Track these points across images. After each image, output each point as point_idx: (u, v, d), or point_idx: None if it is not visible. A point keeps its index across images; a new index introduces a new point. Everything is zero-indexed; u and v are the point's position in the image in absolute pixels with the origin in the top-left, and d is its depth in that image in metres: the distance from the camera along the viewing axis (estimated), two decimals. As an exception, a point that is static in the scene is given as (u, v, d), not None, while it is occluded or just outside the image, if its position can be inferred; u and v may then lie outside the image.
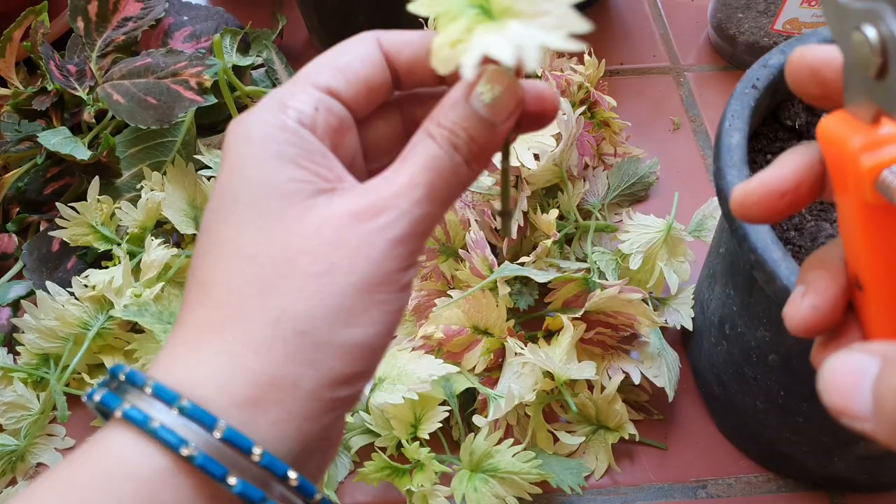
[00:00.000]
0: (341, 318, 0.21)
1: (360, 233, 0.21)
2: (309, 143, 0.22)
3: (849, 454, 0.43)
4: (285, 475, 0.20)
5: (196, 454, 0.19)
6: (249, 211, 0.22)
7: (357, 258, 0.21)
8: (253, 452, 0.20)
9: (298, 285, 0.21)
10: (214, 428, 0.20)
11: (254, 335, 0.21)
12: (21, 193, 0.57)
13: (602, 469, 0.49)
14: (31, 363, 0.51)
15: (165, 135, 0.58)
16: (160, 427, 0.19)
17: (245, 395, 0.20)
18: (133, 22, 0.59)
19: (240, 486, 0.19)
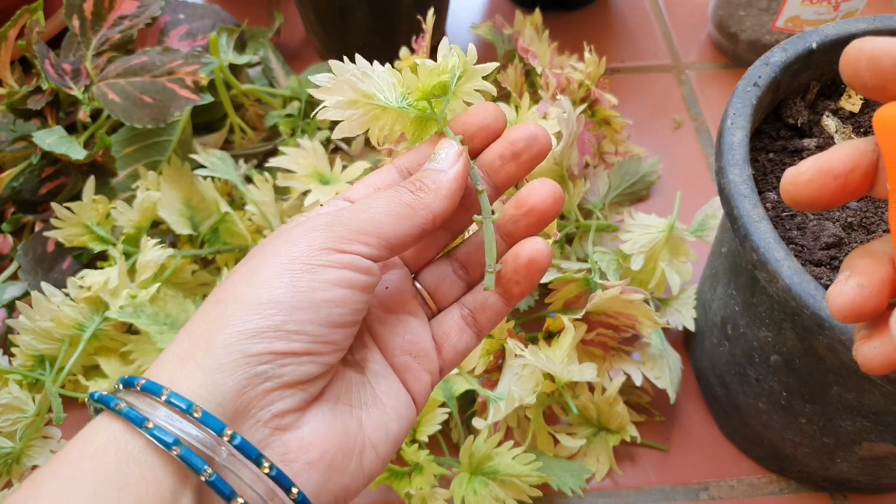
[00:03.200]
0: (254, 285, 0.24)
1: (292, 232, 0.26)
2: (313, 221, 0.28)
3: (851, 455, 0.42)
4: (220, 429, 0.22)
5: (182, 451, 0.22)
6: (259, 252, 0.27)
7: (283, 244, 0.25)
8: (192, 411, 0.22)
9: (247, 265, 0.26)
10: (160, 394, 0.22)
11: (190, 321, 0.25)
12: (16, 193, 0.57)
13: (603, 471, 0.49)
14: (27, 365, 0.51)
15: (161, 134, 0.58)
16: (153, 428, 0.22)
17: (172, 359, 0.24)
18: (129, 20, 0.59)
19: (213, 477, 0.22)
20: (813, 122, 0.43)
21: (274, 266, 0.25)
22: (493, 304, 0.31)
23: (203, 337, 0.24)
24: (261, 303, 0.24)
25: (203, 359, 0.23)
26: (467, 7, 0.78)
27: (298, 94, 0.62)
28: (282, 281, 0.24)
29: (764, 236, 0.34)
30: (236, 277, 0.26)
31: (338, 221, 0.26)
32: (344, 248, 0.25)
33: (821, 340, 0.33)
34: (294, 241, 0.25)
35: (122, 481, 0.21)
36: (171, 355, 0.24)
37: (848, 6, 0.62)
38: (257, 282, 0.24)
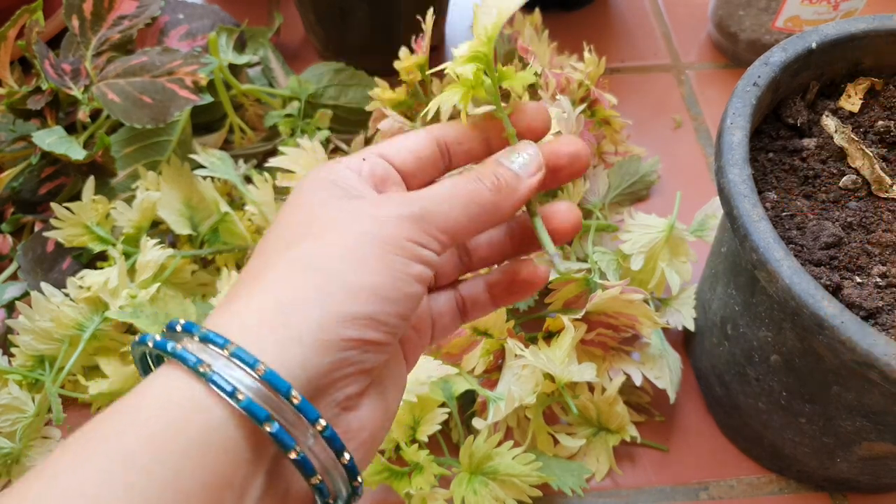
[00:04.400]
0: (350, 262, 0.24)
1: (375, 209, 0.25)
2: (348, 174, 0.27)
3: (851, 455, 0.42)
4: (288, 392, 0.21)
5: (209, 371, 0.21)
6: (297, 215, 0.26)
7: (372, 221, 0.25)
8: (258, 368, 0.21)
9: (321, 236, 0.24)
10: (226, 346, 0.22)
11: (270, 275, 0.24)
12: (16, 194, 0.57)
13: (603, 471, 0.49)
14: (26, 365, 0.51)
15: (161, 134, 0.58)
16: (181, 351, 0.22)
17: (255, 318, 0.23)
18: (128, 20, 0.59)
19: (247, 401, 0.21)
20: (812, 122, 0.43)
21: (365, 241, 0.24)
22: (484, 303, 0.32)
23: (293, 306, 0.23)
24: (361, 287, 0.23)
25: (296, 332, 0.22)
26: (466, 7, 0.78)
27: (298, 94, 0.62)
28: (378, 267, 0.24)
29: (763, 236, 0.34)
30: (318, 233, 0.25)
31: (425, 214, 0.26)
32: (429, 244, 0.25)
33: (820, 340, 0.33)
34: (382, 220, 0.25)
35: (205, 450, 0.21)
36: (252, 313, 0.23)
37: (847, 6, 0.63)
38: (350, 256, 0.24)
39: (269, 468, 0.23)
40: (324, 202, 0.26)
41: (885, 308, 0.35)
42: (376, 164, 0.28)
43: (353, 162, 0.28)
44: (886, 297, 0.36)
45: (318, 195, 0.26)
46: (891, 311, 0.35)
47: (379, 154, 0.28)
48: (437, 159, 0.30)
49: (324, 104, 0.63)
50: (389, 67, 0.54)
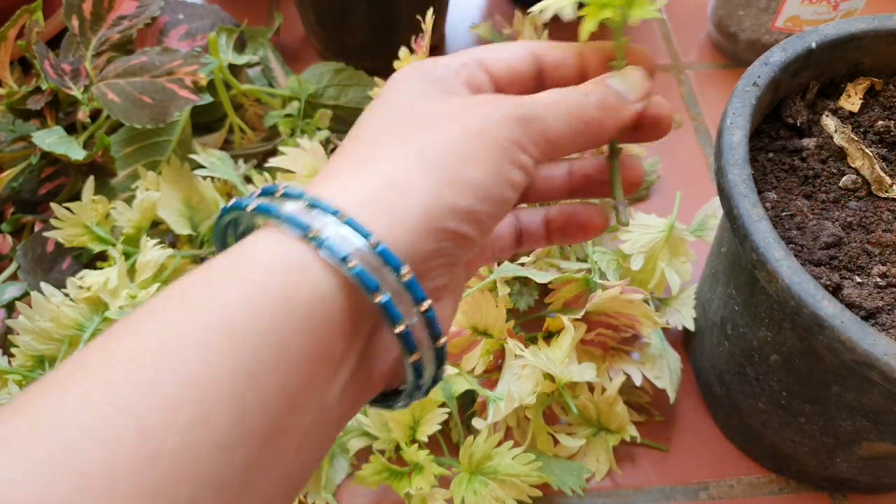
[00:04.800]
0: (459, 154, 0.23)
1: (486, 107, 0.25)
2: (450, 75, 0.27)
3: (851, 455, 0.42)
4: (398, 267, 0.21)
5: (320, 235, 0.21)
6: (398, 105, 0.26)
7: (477, 116, 0.24)
8: (371, 241, 0.21)
9: (429, 126, 0.24)
10: (338, 214, 0.21)
11: (379, 157, 0.24)
12: (15, 194, 0.57)
13: (603, 471, 0.49)
14: (26, 365, 0.51)
15: (161, 134, 0.58)
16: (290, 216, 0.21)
17: (365, 193, 0.22)
18: (128, 20, 0.59)
19: (358, 268, 0.21)
20: (812, 122, 0.43)
21: (475, 137, 0.24)
22: (538, 237, 0.32)
23: (404, 190, 0.23)
24: (469, 183, 0.23)
25: (405, 215, 0.22)
26: (466, 7, 0.78)
27: (298, 94, 0.62)
28: (485, 166, 0.24)
29: (763, 236, 0.34)
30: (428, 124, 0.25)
31: (532, 119, 0.25)
32: (531, 151, 0.25)
33: (820, 340, 0.33)
34: (492, 119, 0.25)
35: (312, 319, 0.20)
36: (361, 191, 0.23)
37: (847, 6, 0.63)
38: (461, 150, 0.24)
39: (362, 347, 0.23)
40: (427, 95, 0.26)
41: (885, 308, 0.35)
42: (475, 72, 0.28)
43: (453, 64, 0.27)
44: (886, 297, 0.36)
45: (419, 87, 0.26)
46: (891, 311, 0.35)
47: (479, 61, 0.28)
48: (529, 79, 0.29)
49: (324, 104, 0.63)
50: (389, 67, 0.54)
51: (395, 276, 0.21)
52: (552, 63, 0.29)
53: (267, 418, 0.19)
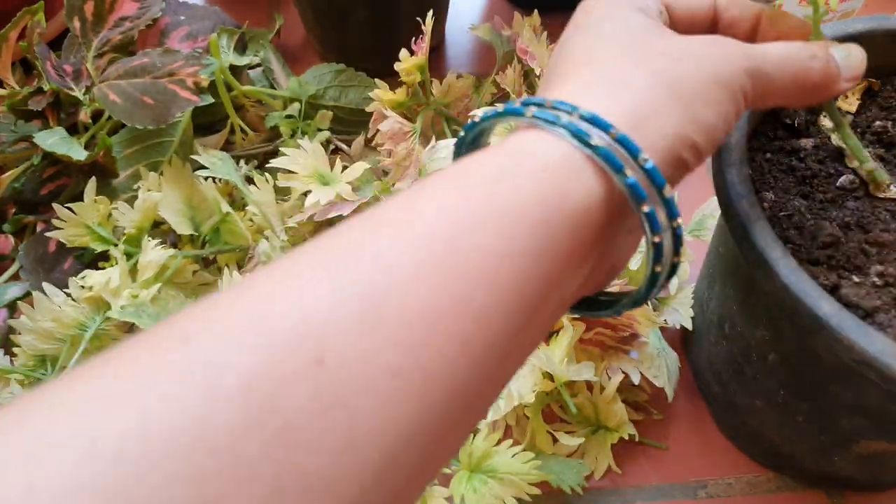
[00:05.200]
0: (701, 95, 0.25)
1: (721, 51, 0.26)
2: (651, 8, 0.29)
3: (849, 453, 0.42)
4: (662, 186, 0.23)
5: (601, 146, 0.22)
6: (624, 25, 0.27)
7: (720, 60, 0.26)
8: (639, 157, 0.23)
9: (674, 60, 0.25)
10: (610, 131, 0.23)
11: (636, 79, 0.25)
12: (17, 194, 0.57)
13: (602, 469, 0.49)
14: (28, 365, 0.51)
15: (162, 135, 0.58)
16: (568, 123, 0.23)
17: (626, 122, 0.24)
18: (129, 21, 0.59)
19: (631, 180, 0.23)
20: (810, 122, 0.44)
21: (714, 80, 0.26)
22: None
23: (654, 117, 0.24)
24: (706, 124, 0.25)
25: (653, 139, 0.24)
26: (466, 9, 0.79)
27: (299, 96, 0.62)
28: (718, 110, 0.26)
29: (761, 236, 0.35)
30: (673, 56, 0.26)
31: (761, 73, 0.27)
32: (750, 102, 0.27)
33: (818, 339, 0.33)
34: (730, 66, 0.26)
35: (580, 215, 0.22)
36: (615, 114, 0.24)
37: (845, 6, 0.63)
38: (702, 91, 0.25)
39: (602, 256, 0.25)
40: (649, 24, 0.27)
41: (882, 307, 0.35)
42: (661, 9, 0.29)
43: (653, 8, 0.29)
44: (884, 297, 0.36)
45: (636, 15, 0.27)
46: (888, 311, 0.35)
47: (665, 4, 0.30)
48: (706, 27, 0.31)
49: (324, 105, 0.63)
50: (389, 69, 0.55)
51: (657, 191, 0.24)
52: (728, 19, 0.31)
53: (535, 297, 0.22)
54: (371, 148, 0.62)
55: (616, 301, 0.29)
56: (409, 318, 0.19)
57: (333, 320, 0.18)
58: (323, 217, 0.51)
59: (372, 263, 0.20)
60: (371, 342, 0.18)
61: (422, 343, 0.19)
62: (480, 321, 0.20)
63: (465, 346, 0.20)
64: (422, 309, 0.19)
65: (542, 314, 0.23)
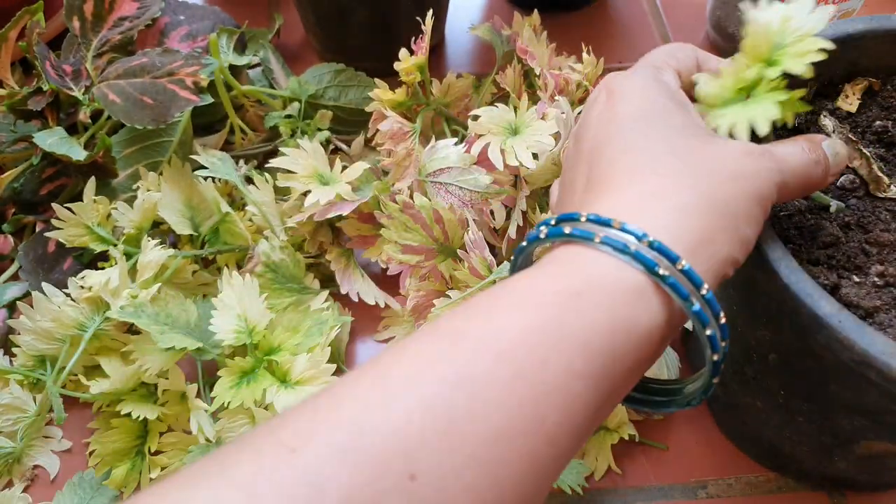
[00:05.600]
0: (746, 216, 0.27)
1: (754, 163, 0.28)
2: (686, 102, 0.31)
3: (849, 454, 0.42)
4: (718, 313, 0.26)
5: (668, 275, 0.24)
6: (664, 129, 0.29)
7: (757, 178, 0.28)
8: (702, 287, 0.25)
9: (721, 178, 0.27)
10: (677, 262, 0.25)
11: (692, 203, 0.26)
12: (17, 194, 0.57)
13: (602, 470, 0.49)
14: (28, 365, 0.51)
15: (161, 135, 0.58)
16: (636, 252, 0.24)
17: (685, 248, 0.25)
18: (129, 21, 0.59)
19: (697, 307, 0.25)
20: (810, 122, 0.44)
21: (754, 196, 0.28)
22: None
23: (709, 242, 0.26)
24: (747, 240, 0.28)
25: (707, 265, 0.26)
26: (466, 8, 0.79)
27: (298, 95, 0.62)
28: (755, 225, 0.28)
29: (761, 236, 0.35)
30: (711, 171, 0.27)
31: (785, 184, 0.29)
32: (774, 199, 0.29)
33: (818, 339, 0.33)
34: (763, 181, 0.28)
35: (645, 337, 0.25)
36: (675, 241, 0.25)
37: (845, 6, 0.63)
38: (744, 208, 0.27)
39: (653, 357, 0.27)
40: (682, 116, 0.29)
41: (882, 307, 0.35)
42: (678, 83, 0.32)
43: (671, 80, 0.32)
44: (884, 297, 0.36)
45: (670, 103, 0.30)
46: (889, 311, 0.35)
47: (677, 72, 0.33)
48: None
49: (324, 105, 0.63)
50: (389, 68, 0.55)
51: (715, 319, 0.26)
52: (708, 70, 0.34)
53: (599, 412, 0.24)
54: (371, 148, 0.62)
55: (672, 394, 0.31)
56: (487, 438, 0.21)
57: (422, 437, 0.20)
58: (322, 217, 0.51)
59: (454, 379, 0.21)
60: (454, 460, 0.20)
61: (498, 461, 0.21)
62: (551, 440, 0.22)
63: (536, 463, 0.22)
64: (499, 429, 0.21)
65: (601, 420, 0.25)
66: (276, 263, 0.52)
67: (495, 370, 0.21)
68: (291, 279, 0.53)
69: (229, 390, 0.45)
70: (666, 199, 0.26)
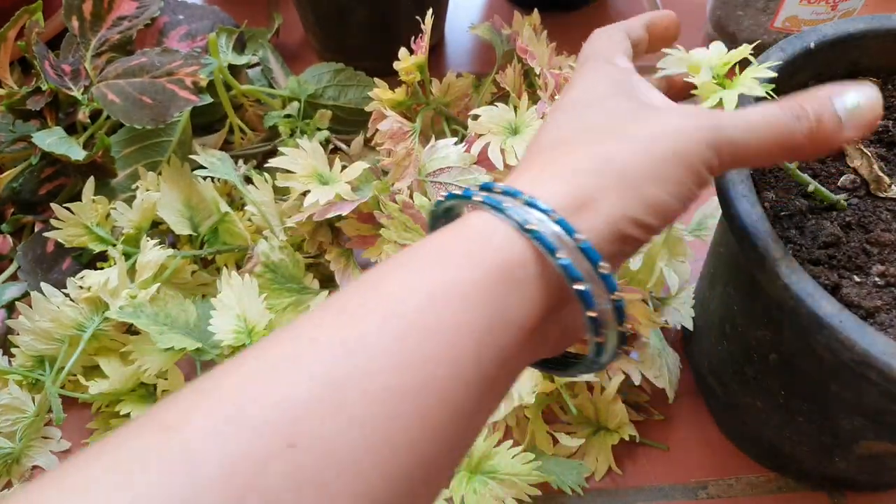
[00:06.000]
0: (651, 175, 0.26)
1: (689, 126, 0.27)
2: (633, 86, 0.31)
3: (849, 454, 0.42)
4: (597, 261, 0.25)
5: (536, 229, 0.24)
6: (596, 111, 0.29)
7: (676, 137, 0.26)
8: (574, 237, 0.24)
9: (627, 142, 0.27)
10: (550, 214, 0.25)
11: (584, 165, 0.26)
12: (16, 194, 0.57)
13: (602, 470, 0.49)
14: (26, 365, 0.51)
15: (161, 135, 0.58)
16: (510, 208, 0.25)
17: (569, 205, 0.25)
18: (128, 21, 0.59)
19: (564, 261, 0.24)
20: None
21: (668, 158, 0.26)
22: None
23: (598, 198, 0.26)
24: (655, 201, 0.26)
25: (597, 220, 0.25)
26: (466, 7, 0.79)
27: (298, 95, 0.62)
28: (672, 187, 0.26)
29: (762, 236, 0.35)
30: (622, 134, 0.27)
31: (730, 141, 0.27)
32: (718, 170, 0.27)
33: (819, 339, 0.33)
34: (686, 139, 0.27)
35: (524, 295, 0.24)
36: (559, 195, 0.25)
37: (846, 6, 0.63)
38: (652, 169, 0.26)
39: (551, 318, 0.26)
40: (616, 95, 0.29)
41: (883, 307, 0.35)
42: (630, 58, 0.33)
43: (625, 59, 0.32)
44: (885, 297, 0.36)
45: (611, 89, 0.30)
46: (889, 311, 0.35)
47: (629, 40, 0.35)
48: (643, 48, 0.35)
49: (323, 104, 0.63)
50: (389, 68, 0.54)
51: (593, 268, 0.25)
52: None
53: (492, 368, 0.23)
54: (370, 147, 0.61)
55: (572, 364, 0.30)
56: (375, 397, 0.21)
57: (307, 403, 0.20)
58: (322, 217, 0.51)
59: (339, 342, 0.21)
60: (339, 421, 0.20)
61: (388, 418, 0.20)
62: (443, 399, 0.22)
63: (431, 421, 0.21)
64: (387, 387, 0.21)
65: (499, 383, 0.25)
66: (275, 263, 0.52)
67: (382, 330, 0.22)
68: (291, 279, 0.53)
69: (229, 391, 0.45)
70: (560, 162, 0.27)
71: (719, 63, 0.32)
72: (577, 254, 0.24)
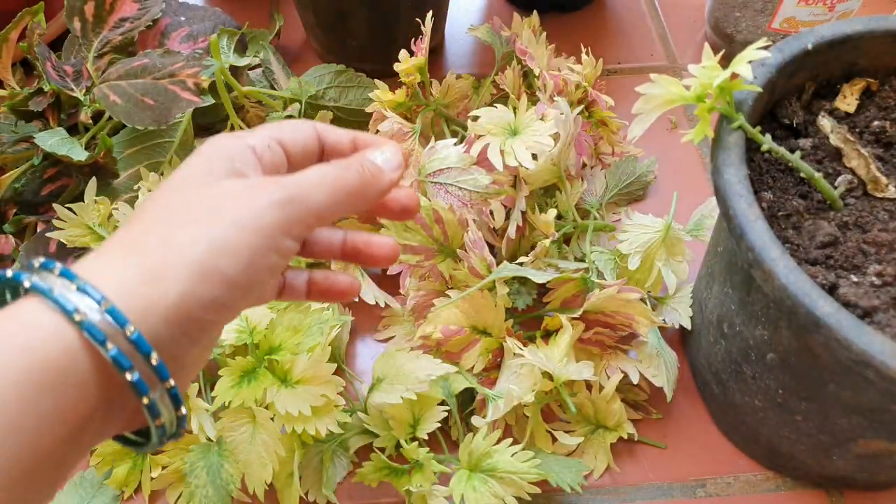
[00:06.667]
0: (220, 250, 0.26)
1: (251, 193, 0.28)
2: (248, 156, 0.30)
3: (847, 453, 0.43)
4: (148, 354, 0.25)
5: (85, 320, 0.24)
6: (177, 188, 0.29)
7: (241, 207, 0.27)
8: (126, 328, 0.24)
9: (197, 218, 0.27)
10: (101, 302, 0.24)
11: (150, 243, 0.26)
12: (18, 194, 0.57)
13: (601, 468, 0.49)
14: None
15: (163, 135, 0.58)
16: (60, 296, 0.24)
17: (130, 283, 0.25)
18: (130, 22, 0.59)
19: (113, 352, 0.24)
20: (808, 123, 0.44)
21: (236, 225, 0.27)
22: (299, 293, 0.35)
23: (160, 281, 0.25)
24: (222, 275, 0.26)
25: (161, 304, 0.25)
26: (465, 9, 0.79)
27: (299, 96, 0.62)
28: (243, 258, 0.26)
29: (760, 236, 0.35)
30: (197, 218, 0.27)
31: (297, 199, 0.28)
32: (297, 231, 0.28)
33: (816, 339, 0.33)
34: (256, 208, 0.27)
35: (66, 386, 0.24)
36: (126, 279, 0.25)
37: (844, 7, 0.63)
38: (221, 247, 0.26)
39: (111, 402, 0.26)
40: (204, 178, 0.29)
41: (880, 307, 0.35)
42: (276, 154, 0.31)
43: (259, 146, 0.30)
44: (882, 296, 0.36)
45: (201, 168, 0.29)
46: (887, 310, 0.35)
47: (280, 143, 0.32)
48: (315, 153, 0.33)
49: (324, 106, 0.63)
50: (389, 69, 0.55)
51: (144, 358, 0.25)
52: (331, 143, 0.34)
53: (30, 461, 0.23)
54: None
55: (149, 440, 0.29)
56: None
57: None
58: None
59: None
60: None
61: None
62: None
63: None
64: None
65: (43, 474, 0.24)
66: (276, 263, 0.52)
67: None
68: (292, 279, 0.53)
69: (230, 390, 0.46)
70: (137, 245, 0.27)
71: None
72: (127, 344, 0.24)
